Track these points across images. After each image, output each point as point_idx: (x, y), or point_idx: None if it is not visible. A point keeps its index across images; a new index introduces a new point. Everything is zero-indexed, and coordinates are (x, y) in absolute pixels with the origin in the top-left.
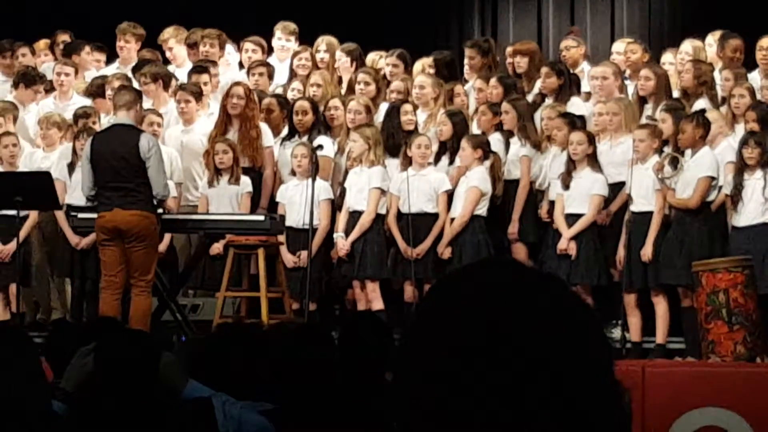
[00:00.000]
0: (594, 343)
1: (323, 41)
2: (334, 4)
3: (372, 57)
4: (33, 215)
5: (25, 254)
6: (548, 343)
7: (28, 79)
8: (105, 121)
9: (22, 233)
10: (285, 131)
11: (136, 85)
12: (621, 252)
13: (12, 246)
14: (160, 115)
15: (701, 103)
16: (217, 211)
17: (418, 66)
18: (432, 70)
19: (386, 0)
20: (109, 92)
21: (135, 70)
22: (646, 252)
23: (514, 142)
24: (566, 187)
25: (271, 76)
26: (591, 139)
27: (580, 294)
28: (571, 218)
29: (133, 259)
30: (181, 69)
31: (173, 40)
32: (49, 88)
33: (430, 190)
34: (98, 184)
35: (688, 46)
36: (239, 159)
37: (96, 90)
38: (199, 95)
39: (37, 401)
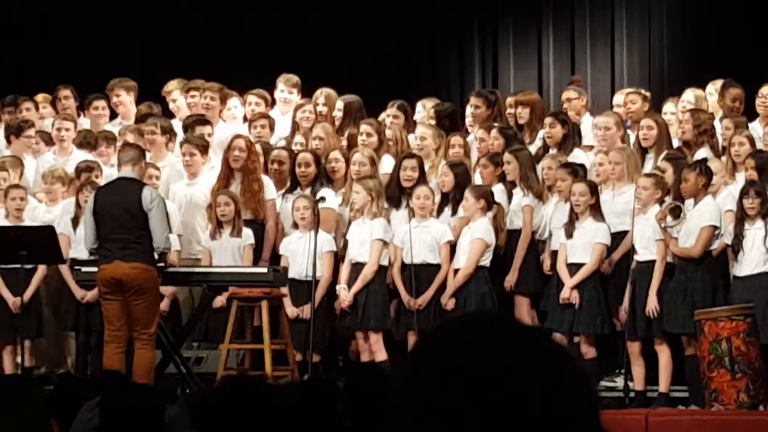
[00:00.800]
0: (580, 393)
1: (321, 94)
2: (335, 56)
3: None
4: (41, 268)
5: (36, 306)
6: (534, 395)
7: (17, 128)
8: (107, 173)
9: (33, 285)
10: (287, 184)
11: (132, 138)
12: (626, 303)
13: (25, 296)
14: (158, 169)
15: (703, 152)
16: (220, 264)
17: (419, 108)
18: (433, 121)
19: (387, 50)
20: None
21: (139, 122)
22: (650, 304)
23: (516, 192)
24: (569, 236)
25: (272, 128)
26: (593, 190)
27: (563, 345)
28: (574, 267)
29: (135, 313)
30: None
31: (177, 92)
32: (48, 140)
33: (432, 241)
34: (100, 236)
35: (690, 95)
36: (241, 211)
37: (90, 142)
38: (205, 149)
39: None
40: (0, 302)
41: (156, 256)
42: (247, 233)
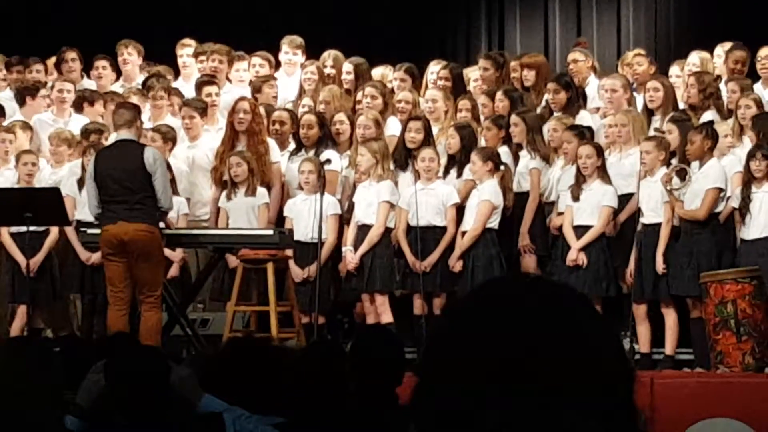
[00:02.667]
0: (616, 362)
1: (330, 56)
2: (341, 18)
3: (380, 71)
4: (54, 231)
5: (51, 268)
6: (573, 358)
7: (31, 90)
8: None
9: (45, 248)
10: (292, 145)
11: (136, 100)
12: (632, 264)
13: (37, 259)
14: (159, 131)
15: (709, 115)
16: (235, 224)
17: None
18: (449, 83)
19: (393, 14)
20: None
21: (145, 83)
22: (658, 264)
23: (524, 155)
24: (576, 199)
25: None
26: (600, 152)
27: (597, 308)
28: (581, 230)
29: (140, 276)
30: (188, 83)
31: (190, 49)
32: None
33: (438, 204)
34: (103, 199)
35: (695, 57)
36: (255, 171)
37: (83, 102)
38: (204, 111)
39: (54, 417)
40: (12, 265)
41: (158, 215)
42: (262, 192)
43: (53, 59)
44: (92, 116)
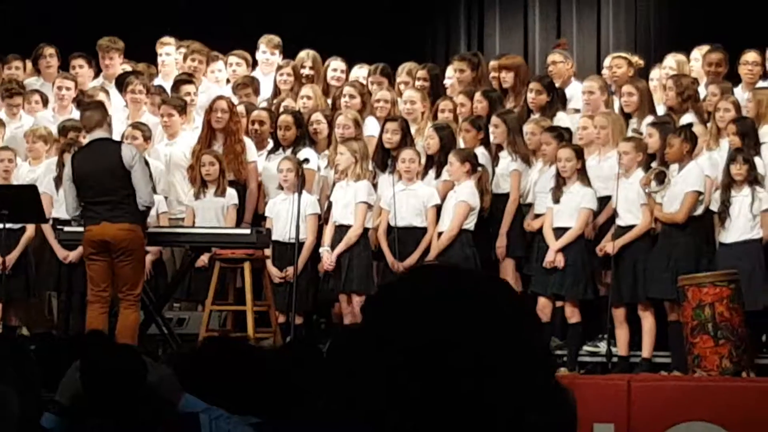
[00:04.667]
0: (532, 343)
1: (308, 56)
2: (319, 18)
3: (357, 72)
4: (30, 228)
5: (26, 266)
6: (488, 343)
7: (4, 91)
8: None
9: (21, 245)
10: (270, 145)
11: (117, 95)
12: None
13: (12, 256)
14: (140, 128)
15: (688, 118)
16: (203, 223)
17: (402, 77)
18: (426, 84)
19: (371, 14)
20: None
21: (121, 80)
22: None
23: (504, 156)
24: (556, 201)
25: (256, 92)
26: (579, 154)
27: (520, 295)
28: (560, 232)
29: (121, 274)
30: (167, 81)
31: (170, 48)
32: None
33: (418, 204)
34: (84, 200)
35: (671, 60)
36: (225, 171)
37: (79, 103)
38: (183, 109)
39: (31, 414)
40: None
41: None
42: (231, 193)
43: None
44: None
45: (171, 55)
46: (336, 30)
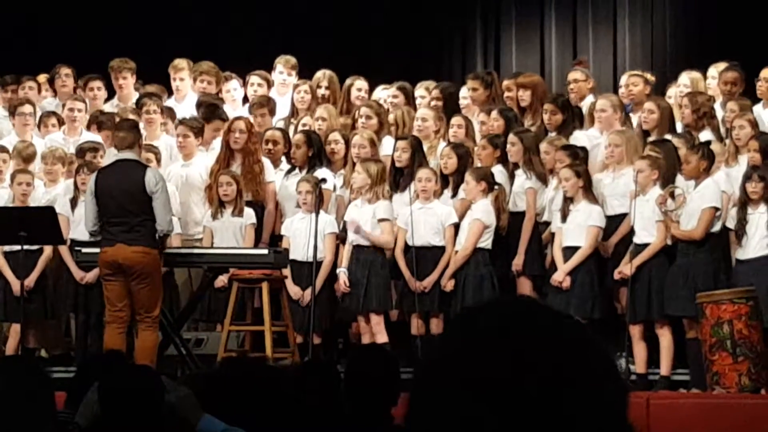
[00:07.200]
0: (610, 383)
1: (324, 76)
2: (336, 37)
3: (380, 93)
4: (48, 249)
5: (44, 287)
6: (568, 378)
7: (13, 108)
8: (109, 155)
9: (39, 267)
10: (285, 164)
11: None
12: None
13: (32, 278)
14: (154, 151)
15: (706, 135)
16: (221, 244)
17: (419, 92)
18: (440, 103)
19: (389, 34)
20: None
21: (138, 102)
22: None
23: (519, 174)
24: (564, 219)
25: (272, 112)
26: (579, 174)
27: (595, 334)
28: (569, 251)
29: (138, 297)
30: (181, 103)
31: (186, 72)
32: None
33: (436, 223)
34: (102, 219)
35: (685, 78)
36: (243, 191)
37: (99, 123)
38: (199, 130)
39: None
40: (5, 285)
41: (157, 238)
42: (249, 213)
43: (43, 76)
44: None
45: (185, 80)
46: (352, 51)
